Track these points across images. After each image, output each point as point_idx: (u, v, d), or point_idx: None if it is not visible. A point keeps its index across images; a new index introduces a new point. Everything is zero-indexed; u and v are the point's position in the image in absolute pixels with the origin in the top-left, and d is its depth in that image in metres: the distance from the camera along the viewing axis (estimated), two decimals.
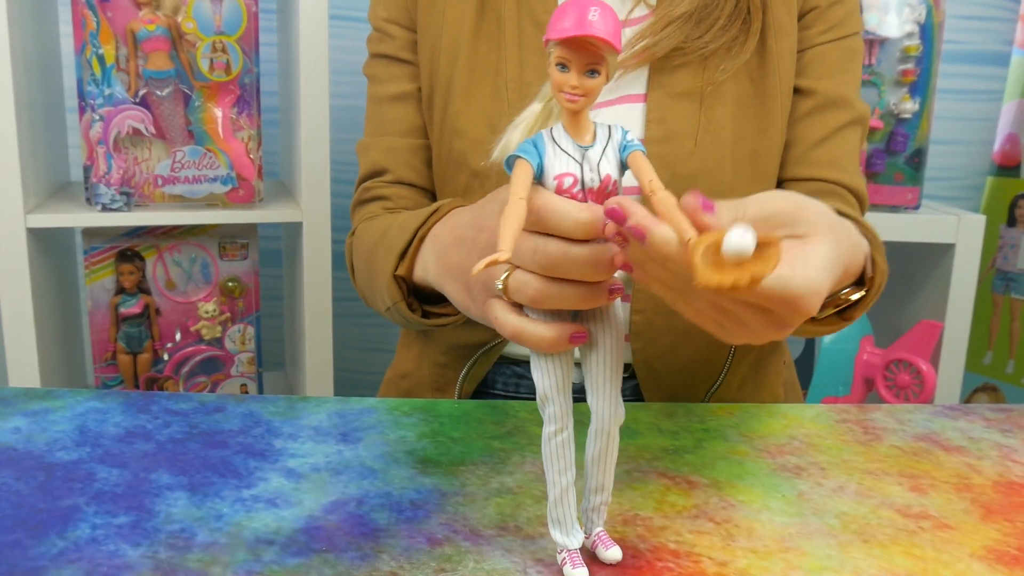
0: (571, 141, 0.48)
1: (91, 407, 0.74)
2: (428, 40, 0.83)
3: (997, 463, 0.72)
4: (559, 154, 0.47)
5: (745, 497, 0.64)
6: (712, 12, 0.77)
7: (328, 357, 1.34)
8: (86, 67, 1.18)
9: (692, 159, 0.76)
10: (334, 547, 0.55)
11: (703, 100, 0.77)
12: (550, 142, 0.48)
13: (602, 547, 0.54)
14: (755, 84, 0.79)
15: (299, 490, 0.62)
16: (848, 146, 0.82)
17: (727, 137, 0.77)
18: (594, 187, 0.48)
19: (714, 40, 0.77)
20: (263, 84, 1.28)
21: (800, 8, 0.81)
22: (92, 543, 0.54)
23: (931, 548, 0.59)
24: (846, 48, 0.83)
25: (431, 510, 0.60)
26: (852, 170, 0.82)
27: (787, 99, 0.80)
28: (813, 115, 0.81)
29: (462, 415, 0.76)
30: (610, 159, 0.48)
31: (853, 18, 0.83)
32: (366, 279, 0.82)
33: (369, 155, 0.88)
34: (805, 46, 0.82)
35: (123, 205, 1.22)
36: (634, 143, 0.48)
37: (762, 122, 0.79)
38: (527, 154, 0.47)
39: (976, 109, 1.83)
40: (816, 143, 0.81)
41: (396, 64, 0.87)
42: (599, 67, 0.46)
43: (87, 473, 0.63)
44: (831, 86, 0.81)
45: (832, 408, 0.83)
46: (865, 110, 0.84)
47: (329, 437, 0.70)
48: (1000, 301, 1.77)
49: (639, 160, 0.48)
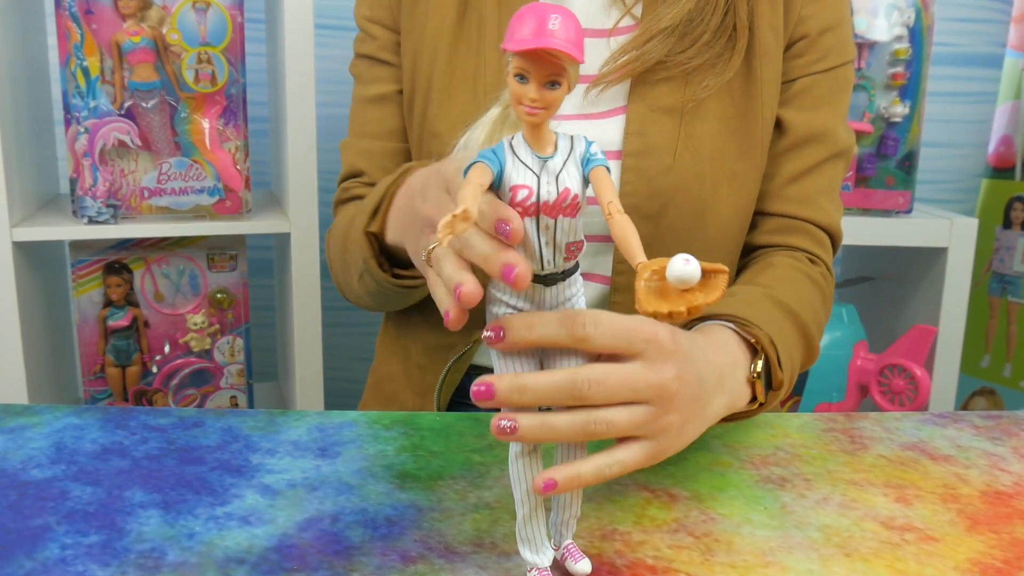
0: (530, 152, 0.46)
1: (69, 423, 0.74)
2: (411, 41, 0.83)
3: (985, 472, 0.72)
4: (517, 165, 0.46)
5: (726, 510, 0.63)
6: (697, 27, 0.76)
7: (318, 367, 1.34)
8: (71, 79, 1.18)
9: (670, 174, 0.76)
10: (306, 566, 0.54)
11: (683, 116, 0.76)
12: (509, 152, 0.46)
13: (571, 560, 0.53)
14: (737, 105, 0.78)
15: (274, 507, 0.61)
16: (825, 182, 0.82)
17: (706, 154, 0.76)
18: (550, 200, 0.46)
19: (698, 56, 0.76)
20: (253, 94, 1.27)
21: (789, 36, 0.80)
22: (60, 564, 0.54)
23: (914, 561, 0.58)
24: (836, 78, 0.81)
25: (406, 527, 0.59)
26: (826, 206, 0.82)
27: (769, 125, 0.79)
28: (792, 151, 0.81)
29: (443, 428, 0.75)
30: (571, 172, 0.46)
31: (844, 47, 0.82)
32: (340, 256, 0.81)
33: (348, 155, 0.89)
34: (794, 76, 0.80)
35: (110, 218, 1.22)
36: (598, 157, 0.47)
37: (742, 144, 0.78)
38: (488, 160, 0.46)
39: (970, 111, 1.83)
40: (791, 179, 0.81)
41: (377, 65, 0.86)
42: (560, 79, 0.44)
43: (60, 491, 0.62)
44: (816, 119, 0.80)
45: (819, 417, 0.82)
46: (849, 142, 0.83)
47: (308, 452, 0.70)
48: (997, 304, 1.76)
49: (601, 177, 0.46)
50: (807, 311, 0.75)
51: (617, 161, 0.76)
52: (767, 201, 0.82)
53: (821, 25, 0.80)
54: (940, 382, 1.47)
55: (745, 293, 0.72)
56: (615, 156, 0.76)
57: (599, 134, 0.77)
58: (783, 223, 0.81)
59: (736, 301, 0.69)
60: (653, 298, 0.43)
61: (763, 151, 0.80)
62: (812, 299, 0.77)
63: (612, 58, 0.76)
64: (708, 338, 0.63)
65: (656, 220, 0.76)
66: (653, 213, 0.76)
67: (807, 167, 0.81)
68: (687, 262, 0.42)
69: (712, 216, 0.77)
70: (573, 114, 0.78)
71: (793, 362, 0.68)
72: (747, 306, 0.68)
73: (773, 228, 0.82)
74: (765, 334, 0.65)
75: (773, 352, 0.64)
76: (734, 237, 0.81)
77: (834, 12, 0.81)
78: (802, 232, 0.81)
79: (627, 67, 0.76)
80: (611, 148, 0.77)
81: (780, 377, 0.64)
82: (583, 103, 0.78)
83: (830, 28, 0.81)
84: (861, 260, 1.70)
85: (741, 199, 0.79)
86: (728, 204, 0.78)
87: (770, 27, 0.78)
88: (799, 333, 0.72)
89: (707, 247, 0.78)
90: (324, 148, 1.38)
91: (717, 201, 0.77)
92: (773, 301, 0.71)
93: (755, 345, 0.65)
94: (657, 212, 0.76)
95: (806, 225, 0.81)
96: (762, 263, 0.80)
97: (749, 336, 0.64)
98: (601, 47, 0.78)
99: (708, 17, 0.76)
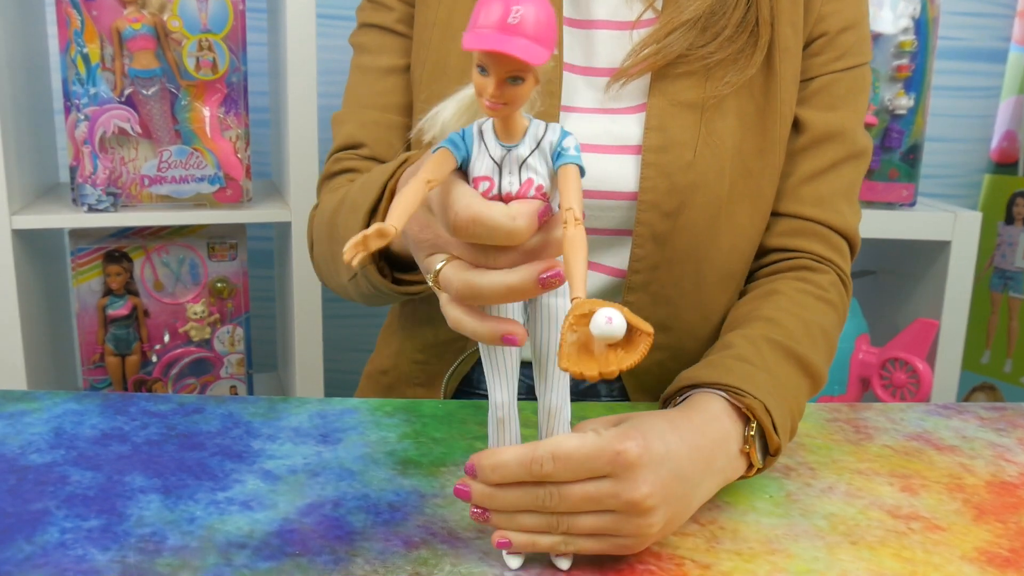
0: (496, 141, 0.44)
1: (68, 409, 0.73)
2: (426, 14, 0.80)
3: (990, 463, 0.71)
4: (482, 153, 0.44)
5: (731, 498, 0.63)
6: (719, 20, 0.75)
7: (318, 358, 1.33)
8: (71, 66, 1.17)
9: (690, 170, 0.74)
10: (307, 551, 0.54)
11: (704, 111, 0.75)
12: (478, 138, 0.44)
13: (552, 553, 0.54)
14: (757, 102, 0.76)
15: (275, 492, 0.61)
16: (842, 183, 0.80)
17: (726, 151, 0.75)
18: (512, 192, 0.44)
19: (719, 50, 0.75)
20: (255, 84, 1.26)
21: (808, 34, 0.78)
22: (60, 548, 0.53)
23: (921, 550, 0.57)
24: (854, 79, 0.80)
25: (409, 512, 0.59)
26: (842, 208, 0.80)
27: (787, 123, 0.78)
28: (808, 149, 0.79)
29: (446, 415, 0.75)
30: (537, 163, 0.44)
31: (863, 46, 0.80)
32: (326, 249, 0.77)
33: (345, 127, 0.84)
34: (812, 74, 0.79)
35: (110, 206, 1.21)
36: (570, 153, 0.44)
37: (761, 142, 0.77)
38: (453, 147, 0.44)
39: (973, 106, 1.82)
40: (807, 179, 0.79)
41: (389, 36, 0.83)
42: (523, 74, 0.40)
43: (60, 476, 0.62)
44: (833, 119, 0.79)
45: (823, 407, 0.81)
46: (867, 144, 0.81)
47: (309, 438, 0.69)
48: (998, 299, 1.75)
49: (568, 178, 0.43)
50: (812, 343, 0.71)
51: (636, 156, 0.75)
52: (782, 201, 0.80)
53: (841, 23, 0.79)
54: (942, 376, 1.46)
55: (742, 346, 0.68)
56: (634, 151, 0.75)
57: (619, 129, 0.76)
58: (796, 225, 0.79)
59: (731, 362, 0.65)
60: (578, 356, 0.42)
61: (781, 149, 0.78)
62: (823, 322, 0.74)
63: (633, 51, 0.75)
64: (695, 416, 0.59)
65: (674, 217, 0.74)
66: (672, 210, 0.74)
67: (824, 167, 0.79)
68: (610, 321, 0.40)
69: (728, 214, 0.76)
70: (593, 108, 0.77)
71: (794, 416, 0.65)
72: (741, 365, 0.64)
73: (785, 230, 0.79)
74: (759, 402, 0.61)
75: (767, 419, 0.61)
76: (749, 235, 0.78)
77: (854, 11, 0.80)
78: (815, 235, 0.79)
79: (648, 60, 0.74)
80: (631, 143, 0.75)
81: (776, 443, 0.61)
82: (604, 98, 0.77)
83: (850, 27, 0.79)
84: (864, 253, 1.69)
85: (757, 199, 0.77)
86: (744, 202, 0.76)
87: (790, 23, 0.77)
88: (802, 372, 0.69)
89: (722, 245, 0.76)
90: (325, 138, 1.37)
91: (734, 199, 0.76)
92: (773, 345, 0.68)
93: (747, 413, 0.61)
94: (676, 209, 0.74)
95: (820, 228, 0.79)
96: (766, 289, 0.77)
97: (741, 405, 0.61)
98: (624, 40, 0.77)
99: (730, 11, 0.75)
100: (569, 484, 0.51)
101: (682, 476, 0.54)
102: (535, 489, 0.51)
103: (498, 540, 0.52)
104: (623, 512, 0.51)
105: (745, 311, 0.75)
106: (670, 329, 0.78)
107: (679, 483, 0.54)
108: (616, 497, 0.51)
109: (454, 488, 0.53)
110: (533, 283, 0.44)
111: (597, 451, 0.50)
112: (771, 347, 0.68)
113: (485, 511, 0.52)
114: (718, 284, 0.78)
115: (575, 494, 0.51)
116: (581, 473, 0.50)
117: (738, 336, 0.69)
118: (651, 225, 0.74)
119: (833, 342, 0.75)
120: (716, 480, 0.59)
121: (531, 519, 0.52)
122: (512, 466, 0.51)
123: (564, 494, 0.51)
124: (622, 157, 0.75)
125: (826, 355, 0.73)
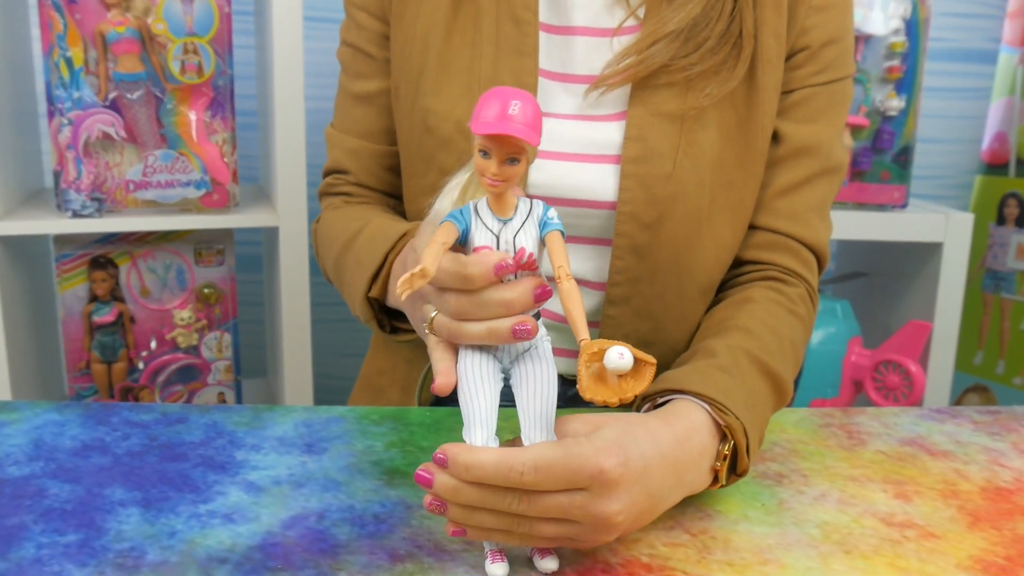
0: (492, 215, 0.52)
1: (49, 419, 0.72)
2: (402, 30, 0.80)
3: (985, 468, 0.70)
4: (480, 227, 0.52)
5: (723, 507, 0.62)
6: (702, 32, 0.74)
7: (307, 363, 1.32)
8: (54, 70, 1.15)
9: (670, 182, 0.73)
10: (290, 565, 0.52)
11: (684, 122, 0.74)
12: (474, 215, 0.52)
13: (538, 556, 0.53)
14: (739, 113, 0.76)
15: (258, 504, 0.59)
16: (816, 197, 0.80)
17: (707, 162, 0.74)
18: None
19: (701, 62, 0.74)
20: (241, 87, 1.25)
21: (791, 46, 0.78)
22: (36, 563, 0.52)
23: (916, 558, 0.56)
24: (834, 93, 0.79)
25: (395, 524, 0.57)
26: (815, 223, 0.80)
27: (768, 134, 0.77)
28: (785, 161, 0.79)
29: (433, 423, 0.73)
30: (528, 233, 0.52)
31: (845, 60, 0.80)
32: (333, 277, 0.85)
33: (333, 151, 0.88)
34: (792, 87, 0.78)
35: (95, 211, 1.20)
36: (553, 222, 0.52)
37: (742, 154, 0.76)
38: (455, 220, 0.52)
39: (964, 107, 1.82)
40: (782, 192, 0.79)
41: (362, 58, 0.84)
42: (519, 156, 0.49)
43: (37, 489, 0.61)
44: (810, 132, 0.78)
45: (816, 412, 0.81)
46: (843, 159, 0.81)
47: (294, 448, 0.68)
48: (990, 300, 1.75)
49: (555, 242, 0.51)
50: (784, 357, 0.71)
51: (616, 166, 0.74)
52: (758, 213, 0.79)
53: (824, 37, 0.78)
54: (935, 378, 1.46)
55: (725, 355, 0.67)
56: (614, 161, 0.74)
57: (599, 136, 0.75)
58: (770, 239, 0.79)
59: (716, 374, 0.64)
60: (596, 386, 0.49)
61: (761, 161, 0.77)
62: (793, 337, 0.74)
63: (614, 60, 0.74)
64: (677, 426, 0.58)
65: (654, 229, 0.74)
66: (651, 221, 0.74)
67: (798, 180, 0.79)
68: (621, 356, 0.48)
69: (710, 226, 0.75)
70: (573, 114, 0.76)
71: (762, 434, 0.65)
72: (725, 379, 0.64)
73: (760, 243, 0.79)
74: (739, 423, 0.60)
75: (743, 440, 0.60)
76: (732, 247, 0.78)
77: (838, 25, 0.79)
78: (787, 250, 0.79)
79: (629, 71, 0.74)
80: (610, 152, 0.75)
81: (746, 464, 0.61)
82: (583, 104, 0.76)
83: (833, 41, 0.79)
84: (856, 255, 1.69)
85: (739, 210, 0.77)
86: (726, 214, 0.76)
87: (774, 34, 0.76)
88: (773, 389, 0.68)
89: (705, 257, 0.76)
90: (313, 142, 1.36)
91: (715, 211, 0.75)
92: (751, 358, 0.68)
93: (725, 431, 0.61)
94: (656, 220, 0.74)
95: (792, 243, 0.79)
96: (740, 297, 0.77)
97: (722, 422, 0.60)
98: (604, 48, 0.76)
99: (713, 23, 0.74)
100: (541, 493, 0.50)
101: (652, 492, 0.54)
102: (504, 493, 0.50)
103: (452, 529, 0.52)
104: (588, 524, 0.51)
105: (720, 318, 0.75)
106: (653, 344, 0.77)
107: (648, 499, 0.53)
108: (585, 510, 0.50)
109: (415, 473, 0.51)
110: (507, 332, 0.51)
111: (579, 466, 0.49)
112: (749, 360, 0.67)
113: (444, 504, 0.51)
114: (700, 297, 0.78)
115: (545, 503, 0.50)
116: (559, 485, 0.50)
117: (721, 345, 0.68)
118: (631, 236, 0.74)
119: (800, 356, 0.76)
120: (683, 492, 0.58)
121: (490, 518, 0.51)
122: (488, 469, 0.49)
123: (533, 501, 0.50)
124: (602, 167, 0.74)
125: (794, 369, 0.74)
